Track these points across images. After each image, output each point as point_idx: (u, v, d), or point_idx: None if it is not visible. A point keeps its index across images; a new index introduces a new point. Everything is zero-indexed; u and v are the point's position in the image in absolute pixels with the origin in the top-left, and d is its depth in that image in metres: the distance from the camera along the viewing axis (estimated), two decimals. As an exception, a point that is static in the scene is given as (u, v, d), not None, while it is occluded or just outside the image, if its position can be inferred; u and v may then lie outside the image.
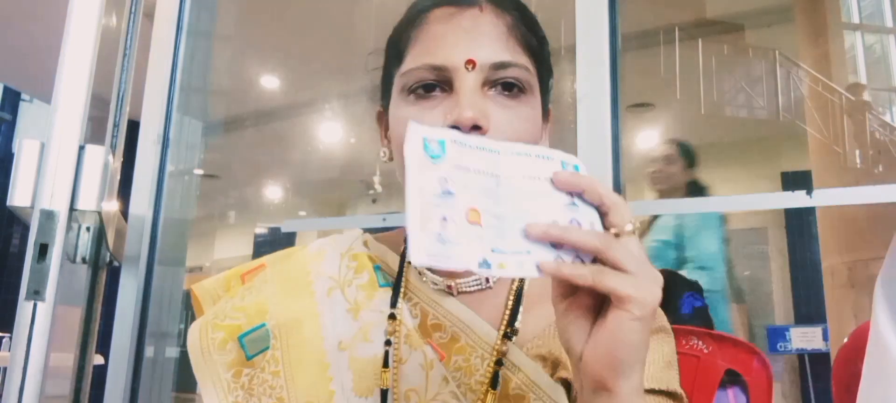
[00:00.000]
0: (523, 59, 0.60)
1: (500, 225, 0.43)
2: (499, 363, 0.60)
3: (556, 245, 0.44)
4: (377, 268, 0.69)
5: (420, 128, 0.45)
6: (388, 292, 0.67)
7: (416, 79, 0.59)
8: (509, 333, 0.62)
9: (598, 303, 0.45)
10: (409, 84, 0.59)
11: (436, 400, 0.60)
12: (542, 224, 0.43)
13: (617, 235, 0.44)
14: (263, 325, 0.66)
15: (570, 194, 0.46)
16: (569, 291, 0.46)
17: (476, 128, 0.56)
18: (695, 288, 1.62)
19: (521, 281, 0.66)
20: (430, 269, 0.66)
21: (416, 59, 0.59)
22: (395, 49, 0.64)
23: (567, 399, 0.60)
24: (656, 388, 0.59)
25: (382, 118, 0.68)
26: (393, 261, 0.69)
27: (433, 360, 0.61)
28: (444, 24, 0.60)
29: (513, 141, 0.57)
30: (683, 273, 1.94)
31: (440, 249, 0.40)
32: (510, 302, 0.64)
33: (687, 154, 2.35)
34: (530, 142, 0.59)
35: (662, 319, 0.66)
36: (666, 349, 0.63)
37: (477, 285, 0.65)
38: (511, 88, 0.59)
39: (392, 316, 0.64)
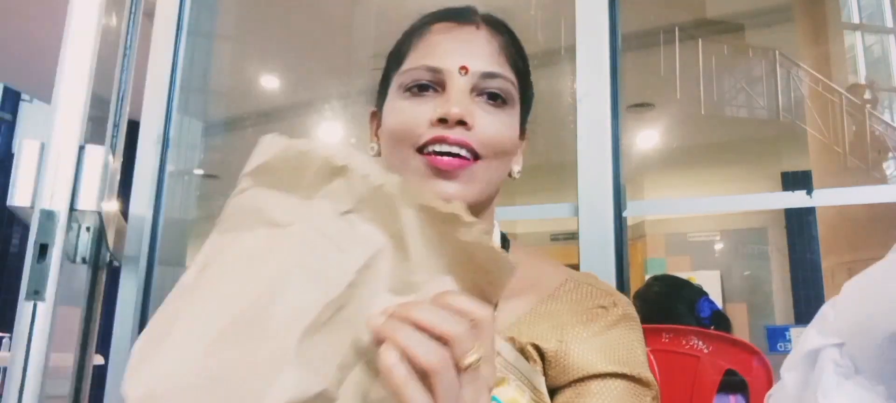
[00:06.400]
0: (510, 74, 0.67)
1: None
2: None
3: None
4: None
5: None
6: None
7: (412, 78, 0.65)
8: None
9: None
10: (406, 82, 0.66)
11: None
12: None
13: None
14: None
15: None
16: None
17: (461, 123, 0.62)
18: (703, 292, 1.61)
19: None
20: None
21: (415, 61, 0.66)
22: (397, 55, 0.70)
23: (544, 384, 0.62)
24: (620, 372, 0.61)
25: (375, 118, 0.74)
26: None
27: None
28: (444, 35, 0.67)
29: (492, 143, 0.63)
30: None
31: None
32: None
33: None
34: (508, 147, 0.66)
35: (628, 307, 0.67)
36: (632, 335, 0.65)
37: None
38: (496, 98, 0.66)
39: None
